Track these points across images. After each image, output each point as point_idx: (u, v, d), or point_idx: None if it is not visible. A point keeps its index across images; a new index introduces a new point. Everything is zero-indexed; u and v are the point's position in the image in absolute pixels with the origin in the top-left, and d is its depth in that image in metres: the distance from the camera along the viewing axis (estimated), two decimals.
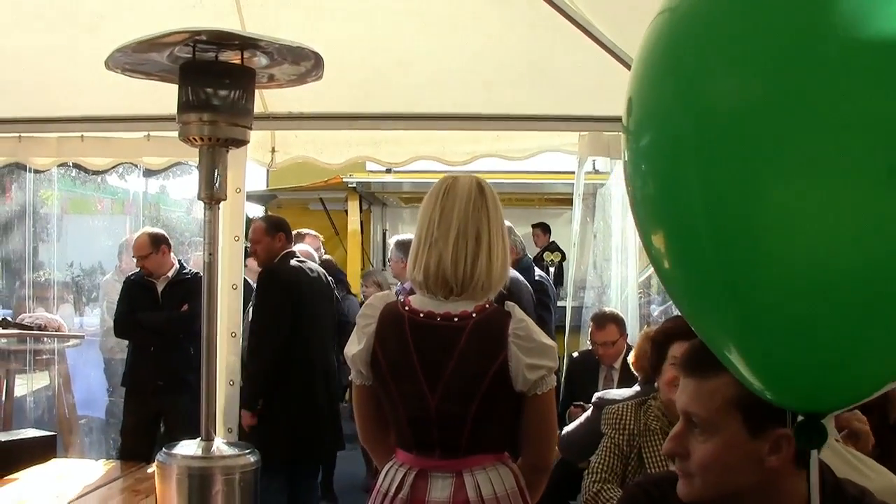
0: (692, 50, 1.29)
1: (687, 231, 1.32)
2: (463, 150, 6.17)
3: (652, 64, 1.37)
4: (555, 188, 12.77)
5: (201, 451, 3.59)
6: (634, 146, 1.38)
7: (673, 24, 1.36)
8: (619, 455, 3.66)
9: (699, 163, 1.25)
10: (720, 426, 1.71)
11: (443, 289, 2.84)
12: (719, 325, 1.41)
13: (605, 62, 4.74)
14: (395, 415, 2.92)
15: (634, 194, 1.42)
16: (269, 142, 6.31)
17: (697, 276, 1.35)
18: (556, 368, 2.87)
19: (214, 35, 3.33)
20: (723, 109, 1.22)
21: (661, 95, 1.33)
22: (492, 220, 2.91)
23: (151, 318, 6.56)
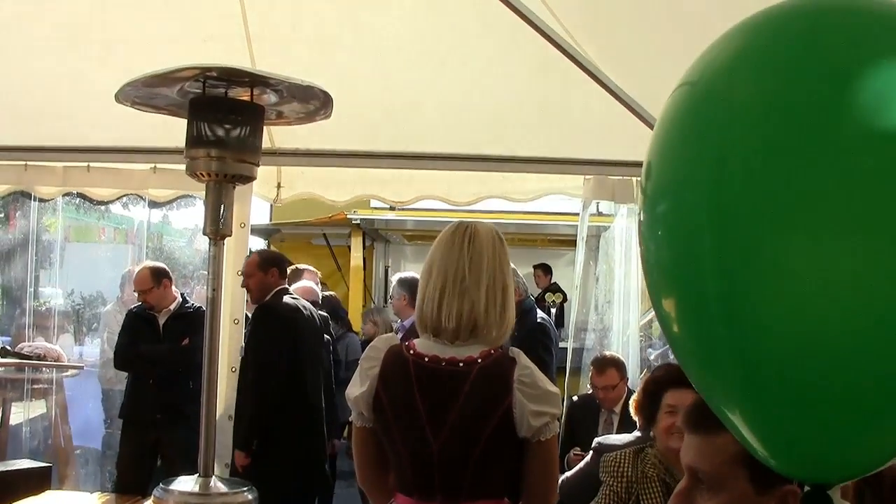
0: (709, 126, 1.33)
1: (697, 299, 1.35)
2: (469, 191, 6.18)
3: (671, 134, 1.40)
4: (557, 229, 12.79)
5: (199, 488, 3.57)
6: (651, 211, 1.41)
7: (692, 98, 1.40)
8: (617, 502, 3.64)
9: (712, 235, 1.28)
10: (727, 483, 1.70)
11: (461, 335, 2.83)
12: (726, 394, 1.42)
13: (611, 107, 4.74)
14: (396, 458, 2.91)
15: (648, 257, 1.45)
16: (274, 177, 6.32)
17: (706, 344, 1.37)
18: (560, 415, 2.87)
19: (225, 72, 3.34)
20: (736, 185, 1.26)
21: (677, 167, 1.37)
22: (507, 270, 2.94)
23: (152, 350, 6.54)
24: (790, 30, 1.31)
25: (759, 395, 1.33)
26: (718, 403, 1.44)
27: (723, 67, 1.36)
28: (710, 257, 1.28)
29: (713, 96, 1.35)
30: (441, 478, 2.82)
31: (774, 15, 1.36)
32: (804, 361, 1.25)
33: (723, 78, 1.35)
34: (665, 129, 1.42)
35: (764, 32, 1.35)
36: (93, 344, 8.84)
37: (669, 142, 1.40)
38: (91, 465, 7.90)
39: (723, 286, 1.28)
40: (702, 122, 1.34)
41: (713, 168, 1.28)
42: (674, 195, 1.36)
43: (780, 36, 1.31)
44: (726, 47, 1.39)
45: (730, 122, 1.28)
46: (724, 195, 1.25)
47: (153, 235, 12.48)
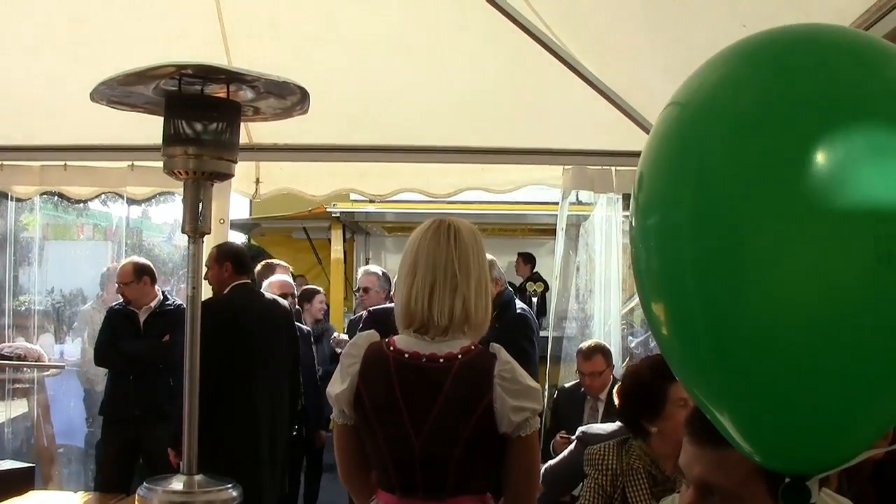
0: (690, 147, 1.42)
1: (681, 305, 1.43)
2: (448, 183, 6.19)
3: (659, 150, 1.52)
4: (538, 219, 12.80)
5: (183, 486, 3.56)
6: (642, 222, 1.49)
7: (678, 117, 1.48)
8: (602, 496, 3.63)
9: (693, 249, 1.37)
10: (744, 496, 1.69)
11: (447, 331, 2.84)
12: (710, 389, 1.47)
13: (589, 97, 4.76)
14: (378, 456, 2.90)
15: (639, 265, 1.52)
16: (253, 173, 6.31)
17: (690, 345, 1.43)
18: (541, 410, 2.86)
19: (200, 69, 3.33)
20: (717, 205, 1.34)
21: (664, 182, 1.46)
22: (486, 264, 2.95)
23: (131, 346, 6.51)
24: (767, 58, 1.40)
25: (739, 393, 1.40)
26: (706, 402, 1.47)
27: (706, 92, 1.45)
28: (690, 269, 1.37)
29: (695, 118, 1.44)
30: (423, 475, 2.82)
31: (757, 43, 1.45)
32: (779, 359, 1.32)
33: (705, 102, 1.43)
34: (655, 144, 1.50)
35: (746, 60, 1.43)
36: (74, 343, 8.78)
37: (658, 157, 1.49)
38: (74, 465, 7.86)
39: (702, 297, 1.36)
40: (685, 143, 1.42)
41: (694, 185, 1.37)
42: (660, 211, 1.44)
43: (759, 64, 1.40)
44: (711, 72, 1.47)
45: (708, 145, 1.37)
46: (702, 210, 1.34)
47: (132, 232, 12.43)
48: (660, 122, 1.51)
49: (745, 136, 1.31)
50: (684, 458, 1.80)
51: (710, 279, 1.34)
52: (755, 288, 1.29)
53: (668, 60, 4.42)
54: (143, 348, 6.51)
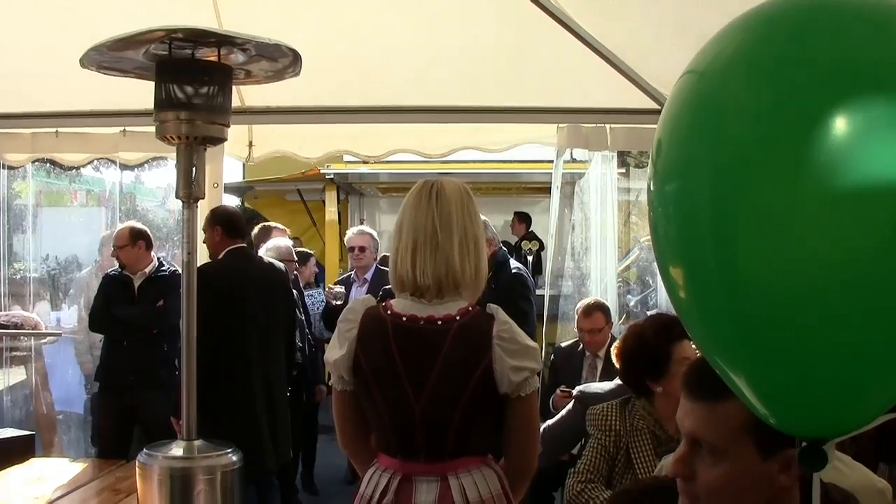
0: (708, 117, 1.41)
1: (699, 270, 1.43)
2: (441, 143, 6.17)
3: (677, 118, 1.53)
4: (533, 177, 12.76)
5: (183, 452, 3.57)
6: (661, 187, 1.50)
7: (696, 87, 1.48)
8: (605, 456, 3.64)
9: (712, 215, 1.37)
10: (732, 451, 1.69)
11: (438, 292, 2.82)
12: (728, 354, 1.47)
13: (583, 55, 4.74)
14: (378, 420, 2.90)
15: (657, 229, 1.53)
16: (246, 136, 6.28)
17: (707, 307, 1.46)
18: (539, 370, 2.86)
19: (191, 33, 3.30)
20: (736, 172, 1.33)
21: (682, 150, 1.46)
22: (477, 223, 2.91)
23: (126, 311, 6.49)
24: (787, 27, 1.37)
25: (757, 355, 1.39)
26: (722, 364, 1.48)
27: (723, 60, 1.44)
28: (709, 236, 1.38)
29: (714, 86, 1.43)
30: (424, 438, 2.82)
31: (777, 9, 1.43)
32: (797, 325, 1.32)
33: (722, 72, 1.43)
34: (673, 111, 1.50)
35: (764, 27, 1.41)
36: (70, 310, 8.76)
37: (677, 124, 1.48)
38: (74, 431, 7.87)
39: (721, 258, 1.37)
40: (704, 111, 1.42)
41: (713, 153, 1.37)
42: (679, 178, 1.45)
43: (777, 33, 1.38)
44: (730, 40, 1.45)
45: (727, 113, 1.37)
46: (721, 177, 1.34)
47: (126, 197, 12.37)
48: (678, 90, 1.51)
49: (765, 104, 1.31)
50: (680, 412, 1.81)
51: (729, 245, 1.34)
52: (773, 255, 1.29)
53: (663, 18, 4.40)
54: (136, 314, 6.49)
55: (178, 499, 3.45)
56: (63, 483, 4.69)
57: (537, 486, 4.75)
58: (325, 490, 7.97)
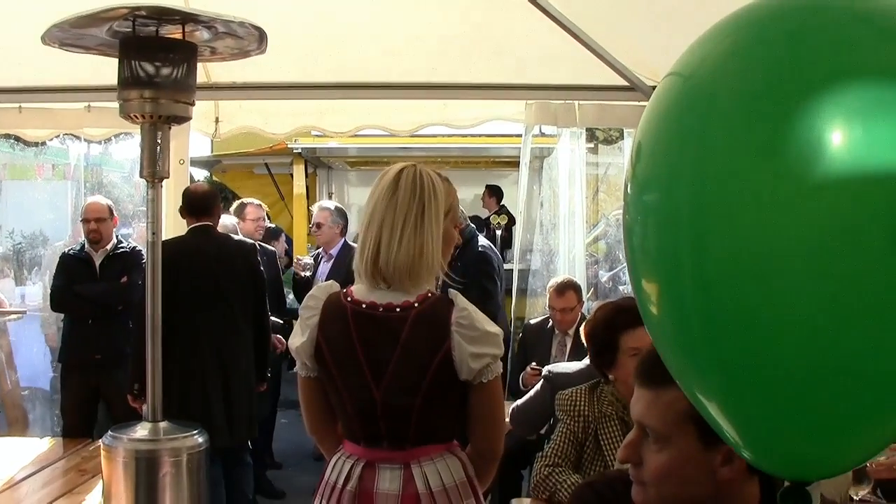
0: (691, 125, 1.31)
1: (674, 288, 1.33)
2: (409, 119, 6.15)
3: (659, 123, 1.39)
4: (502, 151, 12.75)
5: (148, 433, 3.56)
6: (638, 196, 1.38)
7: (679, 91, 1.39)
8: (573, 441, 3.65)
9: (692, 231, 1.27)
10: (674, 438, 1.70)
11: (399, 279, 2.80)
12: (703, 384, 1.39)
13: (552, 32, 4.72)
14: (341, 407, 2.89)
15: (631, 238, 1.42)
16: (212, 112, 6.22)
17: (684, 332, 1.35)
18: (501, 355, 2.84)
19: (155, 10, 3.26)
20: (715, 185, 1.24)
21: (663, 159, 1.35)
22: (439, 212, 2.87)
23: (89, 289, 6.41)
24: (775, 31, 1.29)
25: (737, 392, 1.30)
26: (696, 392, 1.41)
27: (708, 65, 1.35)
28: (688, 249, 1.29)
29: (697, 94, 1.34)
30: (386, 425, 2.81)
31: (764, 12, 1.35)
32: (779, 353, 1.22)
33: (707, 76, 1.34)
34: (654, 115, 1.40)
35: (751, 31, 1.33)
36: (35, 286, 8.69)
37: (658, 129, 1.39)
38: (39, 409, 7.84)
39: (698, 276, 1.27)
40: (685, 119, 1.33)
41: (694, 164, 1.28)
42: (659, 185, 1.35)
43: (765, 37, 1.29)
44: (715, 44, 1.37)
45: (710, 123, 1.28)
46: (703, 191, 1.25)
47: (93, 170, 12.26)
48: (661, 92, 1.42)
49: (749, 113, 1.23)
50: (632, 399, 1.82)
51: (707, 263, 1.26)
52: (756, 276, 1.20)
53: None
54: (101, 291, 6.42)
55: (144, 481, 3.45)
56: (27, 463, 4.67)
57: (505, 465, 4.75)
58: (291, 463, 7.98)
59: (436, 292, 2.86)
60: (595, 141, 10.18)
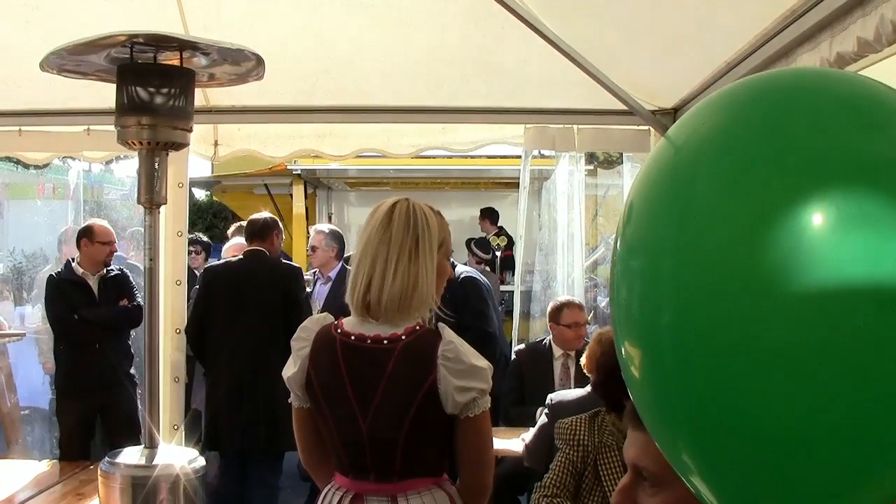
0: (675, 199, 1.27)
1: (655, 361, 1.29)
2: (408, 143, 6.15)
3: (648, 188, 1.34)
4: (501, 173, 12.78)
5: (145, 459, 3.55)
6: (625, 260, 1.35)
7: (668, 161, 1.34)
8: (572, 471, 3.64)
9: (672, 312, 1.23)
10: (671, 482, 1.68)
11: (388, 312, 2.80)
12: (681, 454, 1.36)
13: (550, 56, 4.72)
14: (330, 438, 2.89)
15: (617, 297, 1.38)
16: (211, 135, 6.22)
17: (663, 399, 1.32)
18: (490, 390, 2.82)
19: (152, 38, 3.27)
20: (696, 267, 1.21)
21: (650, 225, 1.31)
22: (432, 246, 2.88)
23: (96, 314, 6.41)
24: (764, 112, 1.26)
25: (714, 463, 1.28)
26: (677, 461, 1.39)
27: (693, 141, 1.32)
28: (668, 323, 1.24)
29: (680, 171, 1.30)
30: (372, 457, 2.81)
31: (760, 91, 1.32)
32: (762, 435, 1.18)
33: (690, 155, 1.31)
34: (645, 178, 1.35)
35: (743, 109, 1.28)
36: (35, 308, 8.66)
37: (647, 193, 1.34)
38: (38, 430, 7.83)
39: (679, 354, 1.23)
40: (669, 195, 1.29)
41: (675, 242, 1.24)
42: (645, 253, 1.31)
43: (754, 119, 1.25)
44: (710, 116, 1.33)
45: (690, 207, 1.25)
46: (684, 273, 1.22)
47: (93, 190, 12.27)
48: (654, 156, 1.38)
49: (725, 206, 1.19)
50: (626, 442, 1.79)
51: (690, 344, 1.21)
52: (738, 364, 1.16)
53: (629, 19, 4.40)
54: (109, 315, 6.41)
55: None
56: (25, 486, 4.67)
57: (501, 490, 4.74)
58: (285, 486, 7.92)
59: (425, 325, 2.86)
60: (595, 162, 10.20)
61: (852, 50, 2.93)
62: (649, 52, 4.78)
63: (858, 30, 2.87)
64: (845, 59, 3.01)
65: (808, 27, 3.25)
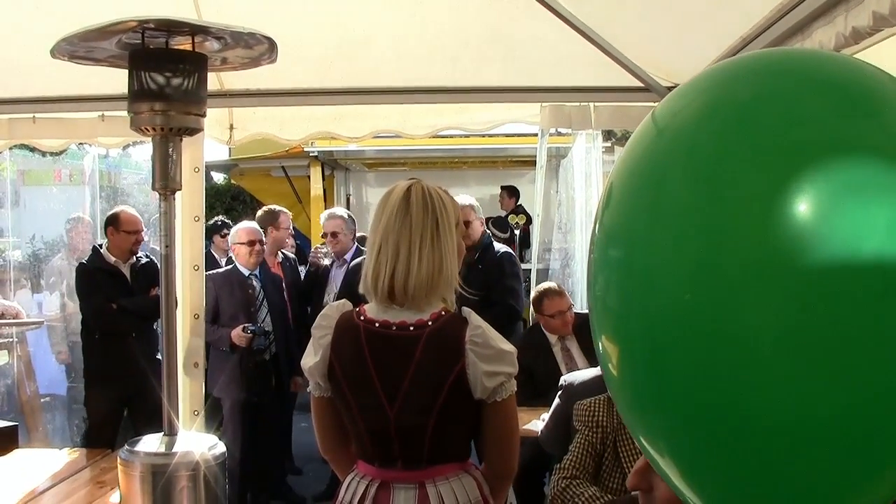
0: (649, 190, 1.21)
1: (632, 358, 1.23)
2: (425, 124, 6.12)
3: (628, 172, 1.27)
4: (519, 151, 12.74)
5: (164, 447, 3.54)
6: (603, 248, 1.27)
7: (648, 145, 1.28)
8: (591, 453, 3.62)
9: (648, 297, 1.17)
10: None
11: (413, 297, 2.77)
12: (656, 450, 1.30)
13: (565, 34, 4.68)
14: (354, 427, 2.87)
15: (594, 289, 1.31)
16: (226, 119, 6.20)
17: (641, 403, 1.26)
18: (516, 373, 2.81)
19: (163, 23, 3.23)
20: (663, 256, 1.15)
21: (630, 212, 1.25)
22: (451, 229, 2.86)
23: (135, 303, 6.39)
24: (727, 104, 1.19)
25: (698, 469, 1.21)
26: (651, 455, 1.32)
27: (672, 127, 1.26)
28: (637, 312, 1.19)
29: (656, 158, 1.23)
30: (400, 445, 2.79)
31: (737, 72, 1.26)
32: (742, 435, 1.11)
33: (666, 142, 1.24)
34: (626, 159, 1.29)
35: (708, 96, 1.23)
36: (52, 296, 8.66)
37: (629, 175, 1.26)
38: (59, 418, 7.85)
39: (653, 346, 1.17)
40: (644, 183, 1.23)
41: (646, 231, 1.18)
42: (624, 242, 1.24)
43: (717, 109, 1.19)
44: (690, 99, 1.27)
45: (661, 197, 1.18)
46: (655, 262, 1.16)
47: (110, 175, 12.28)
48: (635, 137, 1.31)
49: (695, 192, 1.14)
50: None
51: (659, 335, 1.15)
52: (719, 363, 1.09)
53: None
54: (146, 304, 6.36)
55: (161, 496, 3.43)
56: (47, 475, 4.67)
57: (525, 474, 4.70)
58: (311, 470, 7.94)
59: (449, 308, 2.83)
60: (612, 139, 10.13)
61: (867, 24, 2.89)
62: (665, 29, 4.73)
63: (874, 4, 2.83)
64: (860, 33, 2.96)
65: (824, 2, 3.21)
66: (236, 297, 6.72)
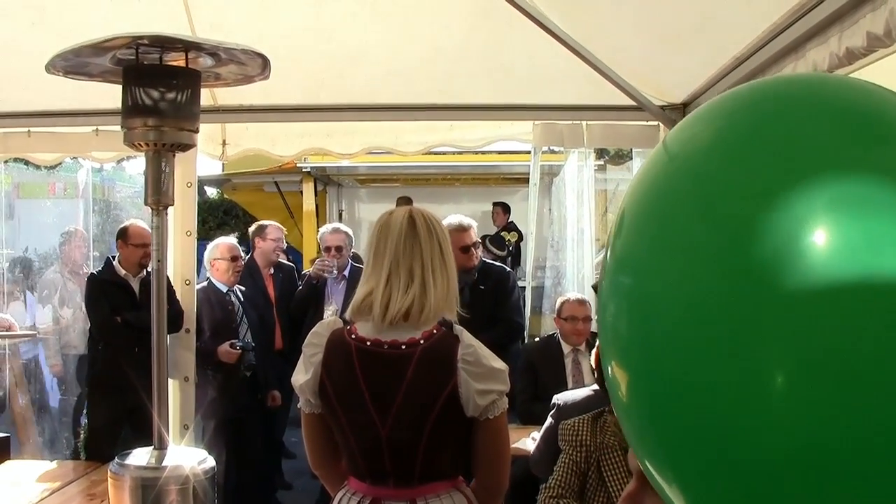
0: (658, 221, 1.21)
1: (643, 385, 1.23)
2: (416, 140, 6.15)
3: (640, 199, 1.26)
4: (511, 168, 12.79)
5: (154, 461, 3.55)
6: (615, 274, 1.26)
7: (659, 171, 1.26)
8: (576, 472, 3.63)
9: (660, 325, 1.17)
10: None
11: (406, 318, 2.79)
12: (661, 475, 1.30)
13: (557, 52, 4.70)
14: (346, 444, 2.88)
15: (604, 315, 1.30)
16: (219, 134, 6.22)
17: (650, 424, 1.26)
18: (508, 391, 2.83)
19: (157, 39, 3.26)
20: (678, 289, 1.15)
21: (640, 241, 1.24)
22: (448, 251, 2.91)
23: (141, 318, 6.28)
24: (736, 133, 1.16)
25: (695, 490, 1.22)
26: (658, 483, 1.32)
27: (683, 154, 1.25)
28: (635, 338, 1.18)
29: (667, 186, 1.22)
30: (392, 462, 2.80)
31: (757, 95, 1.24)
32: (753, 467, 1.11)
33: (678, 168, 1.20)
34: (639, 186, 1.26)
35: (719, 124, 1.20)
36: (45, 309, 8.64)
37: (638, 207, 1.27)
38: (48, 431, 7.83)
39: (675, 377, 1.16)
40: (655, 212, 1.20)
41: (659, 261, 1.19)
42: (636, 270, 1.24)
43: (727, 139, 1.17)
44: (697, 128, 1.25)
45: (670, 225, 1.16)
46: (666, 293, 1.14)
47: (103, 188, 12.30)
48: (648, 164, 1.30)
49: (705, 218, 1.12)
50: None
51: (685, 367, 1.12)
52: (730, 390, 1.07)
53: (636, 13, 4.38)
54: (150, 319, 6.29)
55: None
56: (38, 487, 4.68)
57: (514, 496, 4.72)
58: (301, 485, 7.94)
59: (441, 328, 2.85)
60: (605, 158, 10.17)
61: (862, 45, 2.90)
62: (657, 47, 4.76)
63: (868, 24, 2.85)
64: (854, 54, 2.98)
65: (817, 22, 3.23)
66: (216, 315, 6.66)
